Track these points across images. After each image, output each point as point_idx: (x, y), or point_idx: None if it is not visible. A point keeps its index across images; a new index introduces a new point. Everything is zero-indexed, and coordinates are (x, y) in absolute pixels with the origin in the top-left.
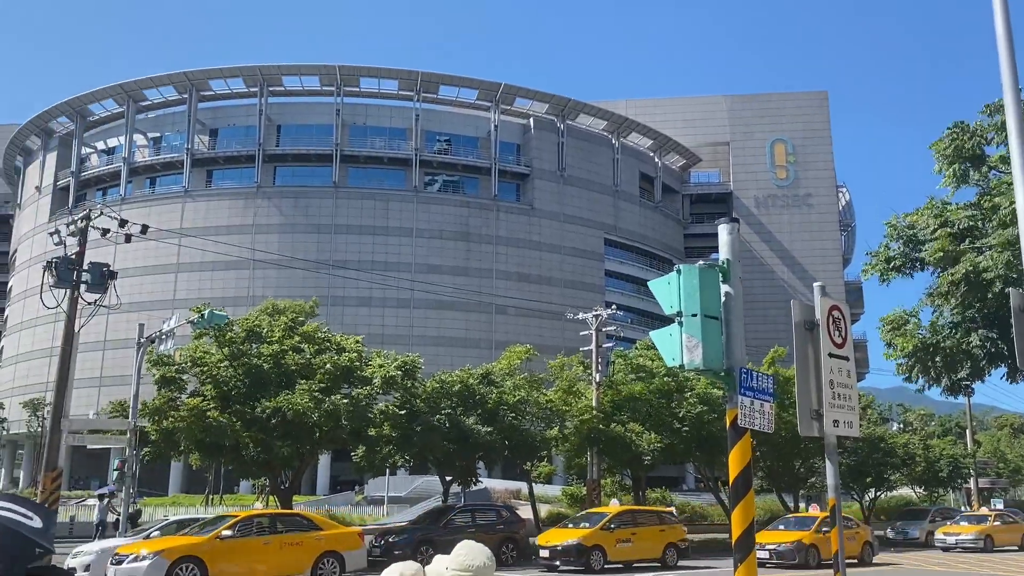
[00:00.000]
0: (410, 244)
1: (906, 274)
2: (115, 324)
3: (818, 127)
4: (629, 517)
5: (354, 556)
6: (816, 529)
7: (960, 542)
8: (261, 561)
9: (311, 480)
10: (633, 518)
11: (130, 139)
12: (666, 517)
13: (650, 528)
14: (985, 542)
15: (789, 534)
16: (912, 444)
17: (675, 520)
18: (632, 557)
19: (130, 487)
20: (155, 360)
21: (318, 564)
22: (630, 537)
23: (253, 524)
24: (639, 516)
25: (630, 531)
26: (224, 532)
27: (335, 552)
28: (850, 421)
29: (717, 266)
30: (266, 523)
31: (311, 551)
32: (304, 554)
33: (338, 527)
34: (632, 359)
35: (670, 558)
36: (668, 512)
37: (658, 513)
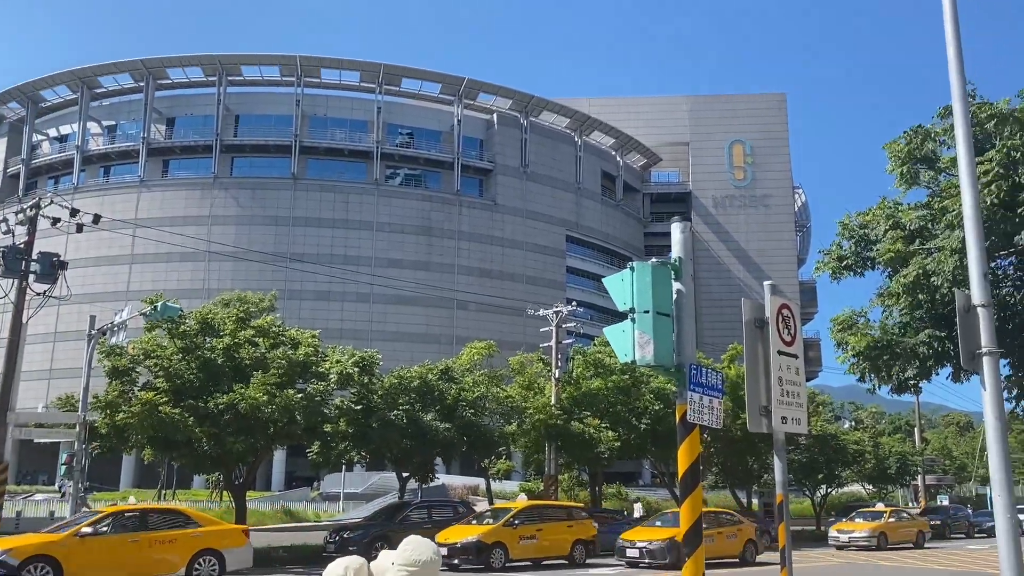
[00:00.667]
0: (370, 238)
1: (857, 273)
2: (66, 316)
3: (776, 129)
4: (535, 513)
5: (236, 554)
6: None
7: (854, 539)
8: (127, 560)
9: (266, 476)
10: (540, 514)
11: (84, 127)
12: (575, 513)
13: (557, 524)
14: (879, 540)
15: (663, 531)
16: (863, 442)
17: (585, 516)
18: (537, 555)
19: (79, 482)
20: (107, 351)
21: (194, 563)
22: (535, 534)
23: (120, 520)
24: (546, 512)
25: (535, 527)
26: (84, 529)
27: (214, 550)
28: (798, 418)
29: (670, 264)
30: (136, 519)
31: (186, 549)
32: (178, 552)
33: (219, 523)
34: (591, 355)
35: (578, 555)
36: (578, 507)
37: (567, 509)
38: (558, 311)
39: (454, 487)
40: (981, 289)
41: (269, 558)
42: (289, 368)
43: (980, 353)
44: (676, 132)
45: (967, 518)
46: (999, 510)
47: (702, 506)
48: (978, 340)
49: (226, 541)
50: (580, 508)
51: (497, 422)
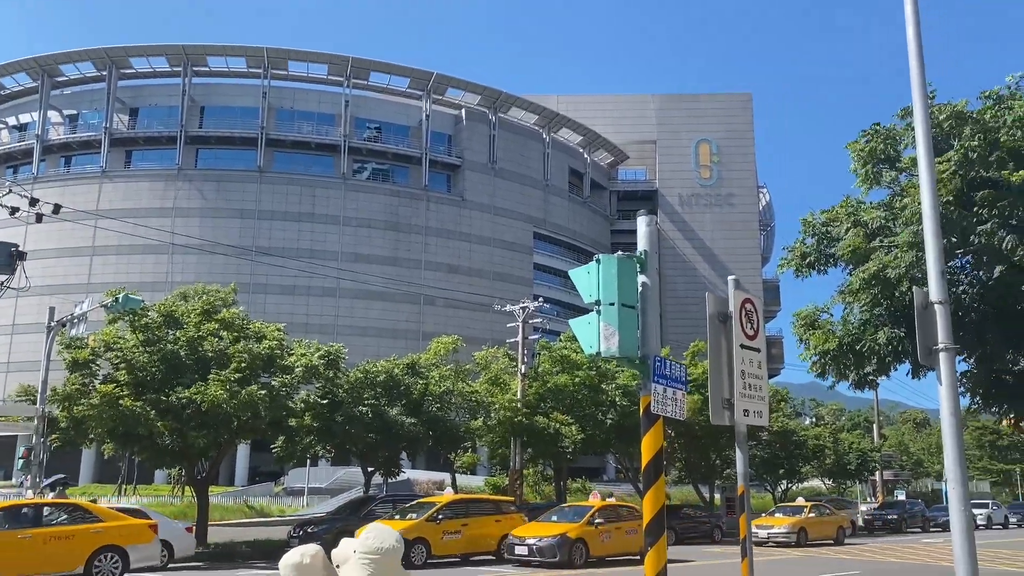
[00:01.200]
0: (337, 232)
1: (820, 270)
2: (25, 307)
3: (741, 128)
4: (461, 507)
5: (141, 551)
6: (588, 521)
7: (772, 536)
8: (17, 558)
9: (229, 471)
10: (465, 508)
11: (44, 115)
12: (504, 507)
13: (484, 519)
14: (799, 535)
15: (557, 526)
16: (823, 438)
17: (514, 510)
18: (463, 550)
19: (37, 476)
20: (67, 343)
21: (93, 560)
22: (460, 529)
23: (11, 515)
24: (472, 506)
25: (460, 522)
26: None
27: (116, 547)
28: (760, 411)
29: (635, 257)
30: (29, 514)
31: (85, 546)
32: (76, 549)
33: (124, 519)
34: (557, 351)
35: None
36: (508, 501)
37: (496, 503)
38: (525, 307)
39: (420, 482)
40: (939, 286)
41: (232, 553)
42: (252, 362)
43: (937, 349)
44: (643, 130)
45: (922, 513)
46: (954, 503)
47: (664, 496)
48: (935, 336)
49: (130, 537)
50: (510, 502)
51: (463, 417)
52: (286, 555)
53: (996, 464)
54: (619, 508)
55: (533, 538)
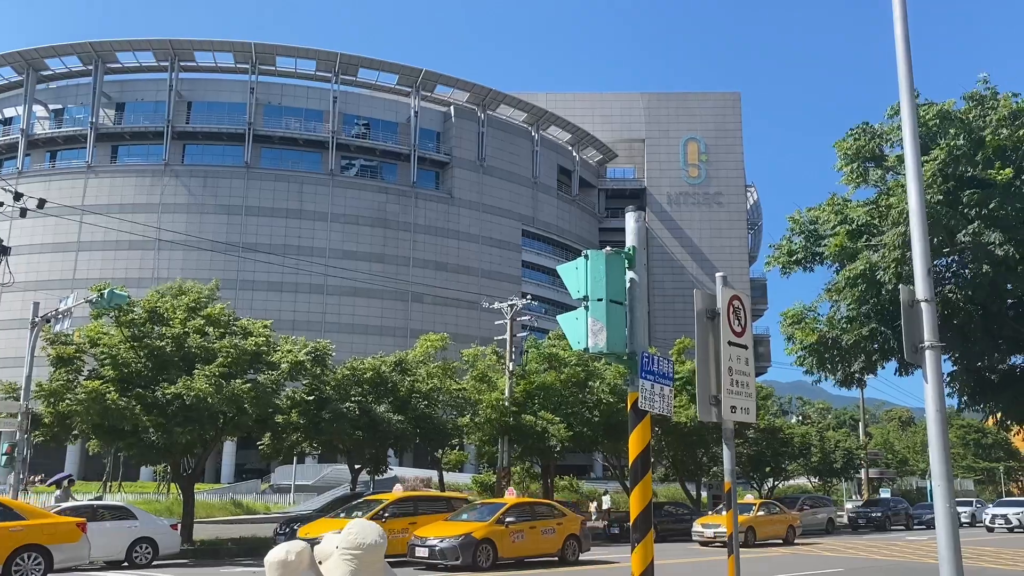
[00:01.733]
0: (325, 229)
1: (807, 268)
2: (9, 303)
3: (730, 127)
4: (409, 505)
5: (68, 550)
6: (497, 520)
7: (719, 535)
8: None
9: (215, 468)
10: (415, 507)
11: (29, 109)
12: (456, 504)
13: (436, 517)
14: (746, 535)
15: (460, 526)
16: (809, 436)
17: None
18: None
19: (20, 472)
20: (51, 339)
21: (13, 560)
22: (407, 527)
23: None
24: (422, 504)
25: (407, 520)
26: None
27: (39, 546)
28: (747, 407)
29: (623, 253)
30: None
31: (4, 545)
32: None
33: (48, 516)
34: (545, 348)
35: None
36: (461, 499)
37: (448, 500)
38: (513, 304)
39: (407, 479)
40: (925, 284)
41: (218, 550)
42: (238, 358)
43: (923, 347)
44: (632, 129)
45: (906, 510)
46: (939, 500)
47: (651, 492)
48: (921, 334)
49: (55, 537)
50: (461, 498)
51: (450, 414)
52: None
53: (980, 462)
54: (536, 506)
55: (435, 538)
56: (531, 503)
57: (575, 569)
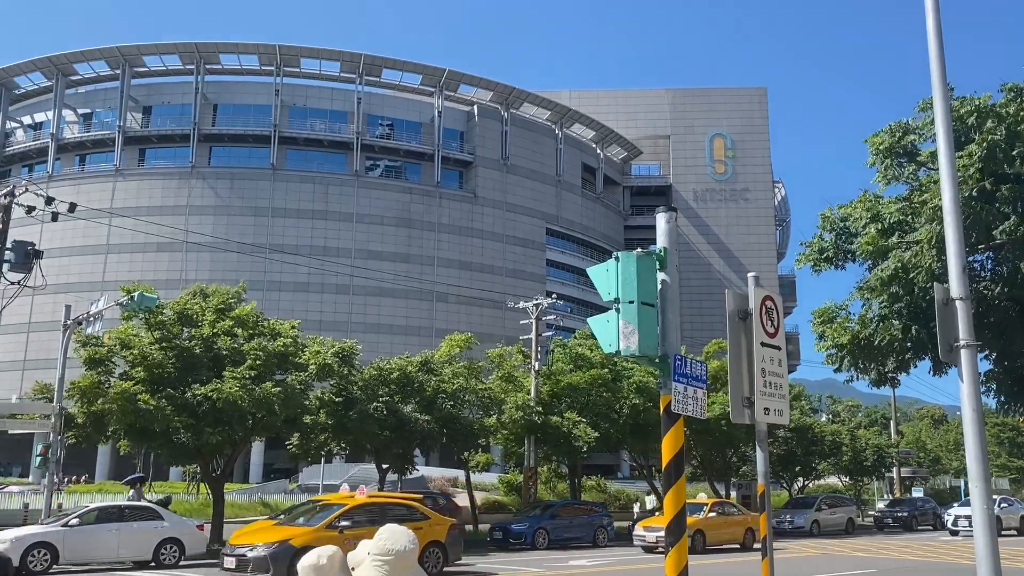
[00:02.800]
0: (350, 229)
1: (838, 266)
2: (41, 306)
3: (756, 123)
4: (376, 511)
5: None
6: (329, 524)
7: (661, 539)
8: None
9: (244, 468)
10: (382, 513)
11: (58, 114)
12: (415, 511)
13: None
14: (694, 539)
15: (280, 531)
16: (840, 434)
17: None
18: None
19: (54, 473)
20: (83, 341)
21: None
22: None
23: None
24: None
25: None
26: None
27: None
28: (780, 409)
29: (655, 254)
30: None
31: None
32: None
33: None
34: (571, 348)
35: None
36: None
37: (408, 507)
38: (538, 304)
39: (433, 479)
40: (960, 282)
41: None
42: (266, 359)
43: (958, 346)
44: (657, 125)
45: (933, 510)
46: (975, 500)
47: (685, 495)
48: (956, 333)
49: None
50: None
51: (476, 414)
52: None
53: (1015, 461)
54: (388, 507)
55: (246, 546)
56: (382, 504)
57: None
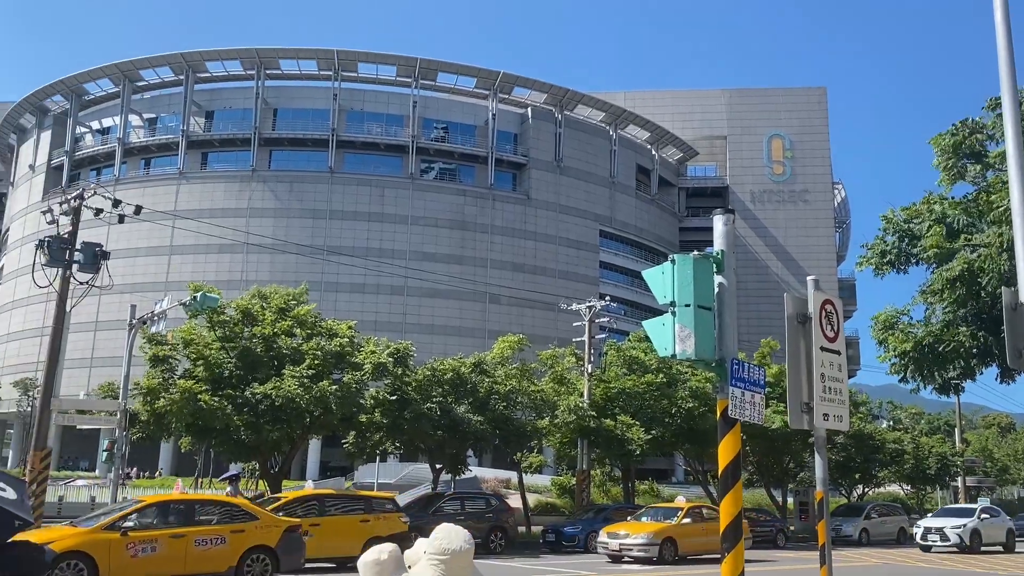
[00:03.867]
0: (405, 231)
1: (901, 269)
2: (107, 305)
3: (816, 123)
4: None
5: None
6: (110, 525)
7: (625, 547)
8: None
9: (301, 465)
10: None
11: (125, 119)
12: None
13: (344, 519)
14: (662, 549)
15: (54, 532)
16: (902, 441)
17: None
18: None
19: (119, 468)
20: (149, 338)
21: None
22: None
23: None
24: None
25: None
26: None
27: None
28: (840, 415)
29: (712, 257)
30: None
31: None
32: None
33: None
34: (625, 351)
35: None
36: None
37: (368, 500)
38: (591, 306)
39: (487, 480)
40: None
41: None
42: (324, 359)
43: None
44: (713, 126)
45: None
46: None
47: (742, 501)
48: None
49: None
50: (385, 499)
51: (529, 416)
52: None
53: None
54: (199, 505)
55: None
56: (192, 501)
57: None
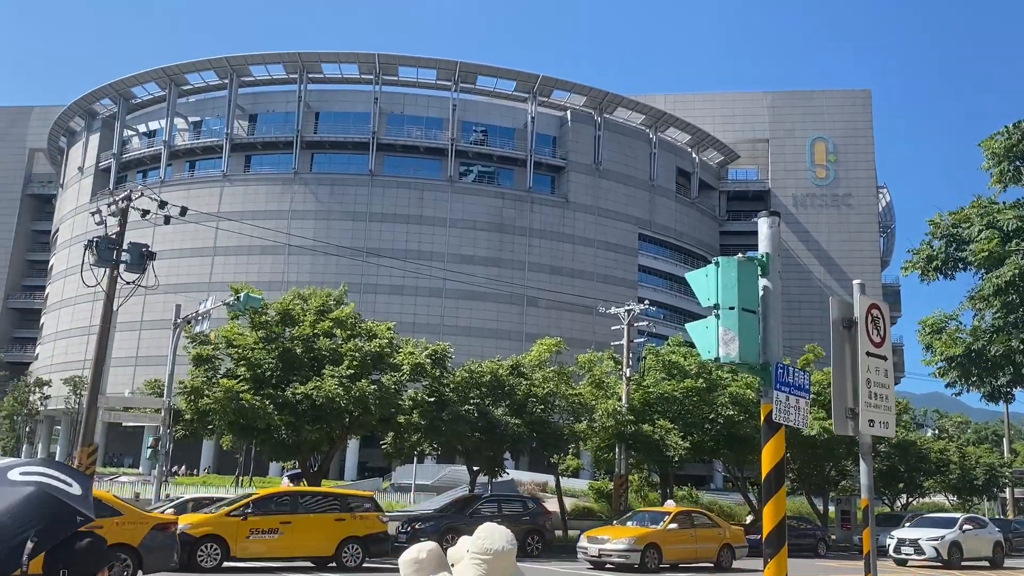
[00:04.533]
0: (444, 234)
1: (948, 275)
2: (152, 304)
3: (860, 126)
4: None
5: None
6: None
7: (605, 552)
8: None
9: (339, 465)
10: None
11: (171, 122)
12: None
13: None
14: (645, 555)
15: None
16: (947, 451)
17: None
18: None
19: (163, 465)
20: (193, 338)
21: None
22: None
23: None
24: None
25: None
26: None
27: None
28: (886, 421)
29: (756, 260)
30: None
31: None
32: None
33: None
34: (664, 355)
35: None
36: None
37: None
38: (630, 309)
39: (523, 483)
40: None
41: None
42: (363, 359)
43: None
44: (755, 129)
45: None
46: None
47: (785, 506)
48: None
49: None
50: (363, 497)
51: (566, 419)
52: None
53: None
54: None
55: None
56: None
57: None
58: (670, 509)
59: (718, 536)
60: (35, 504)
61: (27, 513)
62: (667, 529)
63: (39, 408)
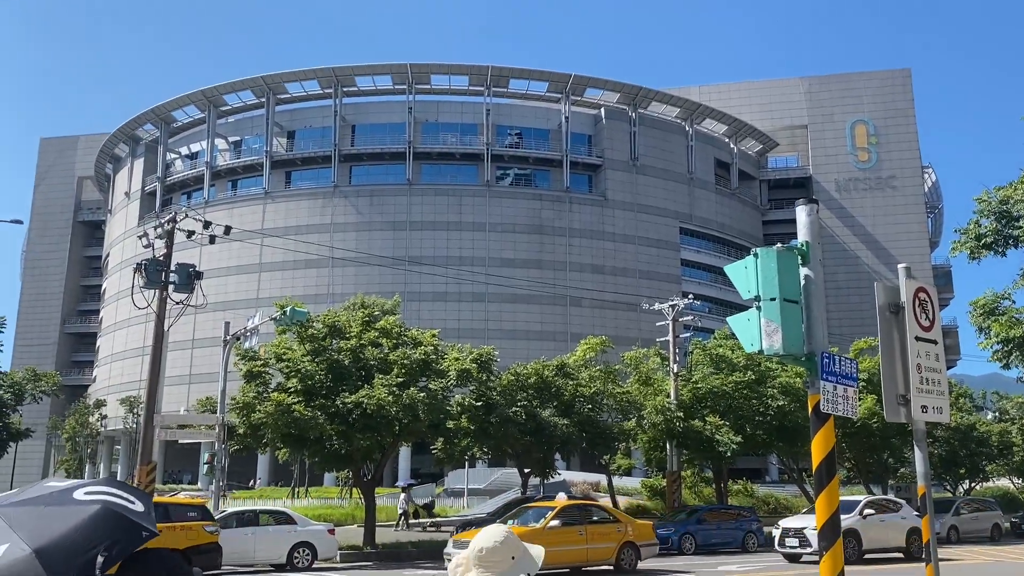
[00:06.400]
0: (483, 238)
1: (999, 252)
2: (202, 323)
3: (901, 106)
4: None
5: None
6: None
7: None
8: None
9: (392, 472)
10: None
11: (211, 143)
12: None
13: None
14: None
15: None
16: (1009, 433)
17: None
18: None
19: (219, 480)
20: (242, 355)
21: None
22: None
23: None
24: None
25: None
26: None
27: None
28: (939, 406)
29: (796, 249)
30: None
31: None
32: None
33: None
34: (711, 349)
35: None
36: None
37: (162, 506)
38: (674, 305)
39: (575, 483)
40: None
41: (398, 553)
42: (410, 367)
43: None
44: (793, 115)
45: None
46: None
47: (838, 498)
48: None
49: None
50: (188, 506)
51: (615, 418)
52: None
53: None
54: None
55: None
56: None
57: None
58: (557, 504)
59: (617, 534)
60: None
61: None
62: (547, 528)
63: (99, 429)
